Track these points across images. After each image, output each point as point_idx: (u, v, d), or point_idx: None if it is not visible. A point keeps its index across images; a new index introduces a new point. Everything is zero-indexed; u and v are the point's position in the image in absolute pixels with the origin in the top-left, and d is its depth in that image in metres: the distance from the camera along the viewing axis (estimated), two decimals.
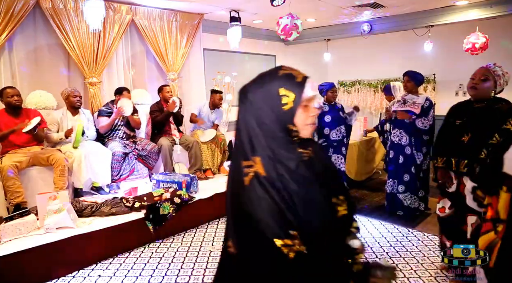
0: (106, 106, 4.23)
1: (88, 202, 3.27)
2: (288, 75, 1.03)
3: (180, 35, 5.32)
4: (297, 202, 0.98)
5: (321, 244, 1.01)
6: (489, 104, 2.22)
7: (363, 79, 7.66)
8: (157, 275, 2.72)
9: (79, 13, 4.17)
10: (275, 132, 1.00)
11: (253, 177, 0.98)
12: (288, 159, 1.01)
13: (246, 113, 1.03)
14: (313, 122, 1.06)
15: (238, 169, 1.02)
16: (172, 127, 4.63)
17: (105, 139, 4.17)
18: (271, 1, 4.43)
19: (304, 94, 1.02)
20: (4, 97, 3.39)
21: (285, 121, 1.01)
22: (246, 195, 0.98)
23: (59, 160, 3.38)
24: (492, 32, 5.43)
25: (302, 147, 1.05)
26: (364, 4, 5.30)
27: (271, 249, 0.94)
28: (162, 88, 4.66)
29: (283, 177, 0.98)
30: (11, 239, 2.68)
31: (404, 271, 2.73)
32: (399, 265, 2.82)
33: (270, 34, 7.12)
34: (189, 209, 3.56)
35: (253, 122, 1.01)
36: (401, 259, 2.93)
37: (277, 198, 0.96)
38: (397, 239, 3.33)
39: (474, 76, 2.25)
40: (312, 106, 1.05)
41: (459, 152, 2.30)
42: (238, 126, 1.04)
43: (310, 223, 1.00)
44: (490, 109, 2.21)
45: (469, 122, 2.27)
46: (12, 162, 3.17)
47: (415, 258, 2.90)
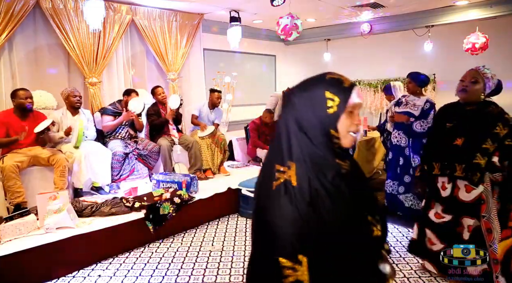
0: (113, 105, 4.22)
1: (88, 202, 3.28)
2: (336, 79, 1.01)
3: (180, 35, 5.32)
4: (327, 218, 0.92)
5: (350, 266, 0.96)
6: (480, 108, 2.20)
7: (363, 79, 7.65)
8: (157, 275, 2.72)
9: (79, 13, 4.17)
10: (316, 137, 0.97)
11: (281, 183, 0.94)
12: (326, 167, 0.96)
13: (288, 116, 1.00)
14: (357, 130, 1.01)
15: (270, 171, 0.99)
16: (170, 128, 4.62)
17: (106, 138, 4.18)
18: (271, 1, 4.43)
19: (351, 99, 0.98)
20: (17, 98, 3.37)
21: (328, 125, 0.97)
22: (270, 200, 0.95)
23: (60, 160, 3.38)
24: (492, 32, 5.43)
25: (340, 158, 1.00)
26: (364, 4, 5.30)
27: (273, 264, 0.90)
28: (154, 90, 4.63)
29: (317, 191, 0.93)
30: (11, 239, 2.68)
31: (404, 271, 2.73)
32: (399, 265, 2.82)
33: (270, 34, 7.13)
34: (189, 209, 3.56)
35: (294, 126, 0.97)
36: (401, 259, 2.93)
37: (301, 212, 0.91)
38: (397, 239, 3.33)
39: (464, 78, 2.21)
40: (357, 114, 1.01)
41: (453, 155, 2.24)
42: (278, 129, 1.01)
43: (337, 244, 0.94)
44: (481, 112, 2.18)
45: (461, 125, 2.23)
46: (13, 162, 3.17)
47: (415, 258, 2.90)
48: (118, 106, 4.21)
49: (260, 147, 5.25)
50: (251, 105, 7.05)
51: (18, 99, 3.37)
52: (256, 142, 5.26)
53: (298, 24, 4.42)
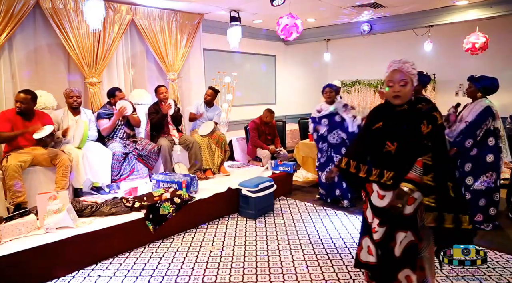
0: (104, 108, 4.22)
1: (88, 202, 3.28)
2: None
3: (180, 35, 5.32)
4: None
5: None
6: (410, 107, 1.99)
7: (363, 79, 7.66)
8: (157, 275, 2.72)
9: (79, 13, 4.17)
10: None
11: None
12: None
13: None
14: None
15: None
16: (170, 128, 4.63)
17: (106, 139, 4.18)
18: (271, 1, 4.44)
19: None
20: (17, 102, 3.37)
21: None
22: None
23: (63, 160, 3.39)
24: (492, 32, 5.43)
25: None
26: (364, 4, 5.30)
27: None
28: (157, 89, 4.62)
29: None
30: (11, 239, 2.68)
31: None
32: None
33: (270, 34, 7.13)
34: (189, 209, 3.56)
35: None
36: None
37: None
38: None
39: (392, 84, 1.97)
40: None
41: (384, 161, 2.00)
42: None
43: None
44: (411, 112, 1.97)
45: (390, 128, 1.99)
46: (17, 162, 3.17)
47: None
48: (109, 108, 4.20)
49: (260, 146, 5.25)
50: (251, 105, 7.05)
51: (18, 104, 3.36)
52: (256, 141, 5.26)
53: (298, 24, 4.42)
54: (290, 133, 6.74)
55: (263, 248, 3.15)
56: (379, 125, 2.05)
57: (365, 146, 2.15)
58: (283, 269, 2.77)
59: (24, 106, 3.39)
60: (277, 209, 4.15)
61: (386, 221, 1.99)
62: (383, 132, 2.01)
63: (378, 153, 2.02)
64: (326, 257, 2.96)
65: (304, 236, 3.39)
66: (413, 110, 1.97)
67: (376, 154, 2.05)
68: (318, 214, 3.98)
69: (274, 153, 5.23)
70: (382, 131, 2.02)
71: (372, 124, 2.09)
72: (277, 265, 2.84)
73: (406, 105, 1.98)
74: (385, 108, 2.10)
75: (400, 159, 1.94)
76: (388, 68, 2.01)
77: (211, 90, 4.98)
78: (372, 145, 2.07)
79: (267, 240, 3.31)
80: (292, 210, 4.14)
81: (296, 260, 2.92)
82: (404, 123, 1.95)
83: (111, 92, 4.24)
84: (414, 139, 1.91)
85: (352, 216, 3.88)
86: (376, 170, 2.03)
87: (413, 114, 1.95)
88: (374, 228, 2.04)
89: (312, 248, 3.14)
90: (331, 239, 3.31)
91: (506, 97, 5.61)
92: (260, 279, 2.64)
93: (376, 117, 2.10)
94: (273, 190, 4.07)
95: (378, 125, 2.05)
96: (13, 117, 3.38)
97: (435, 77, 6.63)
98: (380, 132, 2.03)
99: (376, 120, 2.08)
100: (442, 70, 6.56)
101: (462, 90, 6.36)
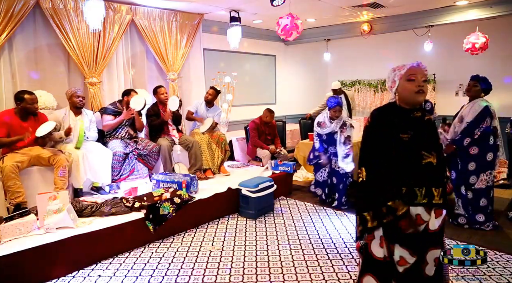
0: (113, 105, 4.23)
1: (88, 202, 3.27)
2: None
3: (180, 35, 5.32)
4: None
5: None
6: (423, 114, 1.77)
7: (363, 79, 7.66)
8: (157, 275, 2.72)
9: (79, 13, 4.17)
10: None
11: None
12: None
13: None
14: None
15: None
16: (170, 128, 4.63)
17: (106, 138, 4.18)
18: (271, 1, 4.43)
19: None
20: (24, 102, 3.37)
21: None
22: None
23: (60, 160, 3.38)
24: (492, 32, 5.43)
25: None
26: (364, 4, 5.30)
27: None
28: (156, 90, 4.61)
29: None
30: (11, 239, 2.68)
31: None
32: None
33: (270, 34, 7.13)
34: (189, 209, 3.56)
35: None
36: None
37: None
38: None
39: (415, 77, 1.70)
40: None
41: (427, 177, 1.68)
42: None
43: None
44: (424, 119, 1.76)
45: (419, 137, 1.70)
46: (14, 162, 3.17)
47: None
48: (119, 106, 4.22)
49: (260, 146, 5.25)
50: (251, 105, 7.05)
51: (26, 104, 3.37)
52: (256, 141, 5.26)
53: (298, 24, 4.42)
54: (290, 133, 6.74)
55: (263, 248, 3.15)
56: (410, 134, 1.70)
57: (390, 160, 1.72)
58: (283, 269, 2.77)
59: (37, 106, 3.47)
60: (277, 209, 4.15)
61: (418, 247, 1.69)
62: (417, 142, 1.69)
63: (416, 167, 1.68)
64: (326, 257, 2.96)
65: (304, 236, 3.39)
66: (425, 118, 1.76)
67: (412, 168, 1.69)
68: (318, 214, 3.98)
69: (274, 153, 5.23)
70: (415, 141, 1.69)
71: (396, 132, 1.71)
72: (277, 265, 2.84)
73: (420, 112, 1.76)
74: (397, 113, 1.76)
75: (442, 170, 1.72)
76: (401, 69, 1.76)
77: (212, 90, 4.98)
78: (403, 158, 1.70)
79: (267, 240, 3.31)
80: (292, 210, 4.14)
81: (296, 260, 2.92)
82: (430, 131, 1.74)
83: (127, 92, 4.28)
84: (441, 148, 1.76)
85: (352, 216, 3.88)
86: (421, 189, 1.68)
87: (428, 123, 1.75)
88: (400, 261, 1.69)
89: (312, 248, 3.14)
90: (331, 239, 3.31)
91: (506, 97, 5.61)
92: (260, 279, 2.64)
93: (398, 124, 1.73)
94: (273, 190, 4.07)
95: (407, 135, 1.70)
96: (9, 119, 3.37)
97: (435, 77, 6.63)
98: (413, 142, 1.69)
99: (400, 128, 1.72)
100: (442, 70, 6.56)
101: (462, 90, 6.36)
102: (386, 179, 1.71)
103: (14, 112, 3.42)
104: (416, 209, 1.68)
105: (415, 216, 1.68)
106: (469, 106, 3.46)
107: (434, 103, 3.79)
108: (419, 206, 1.68)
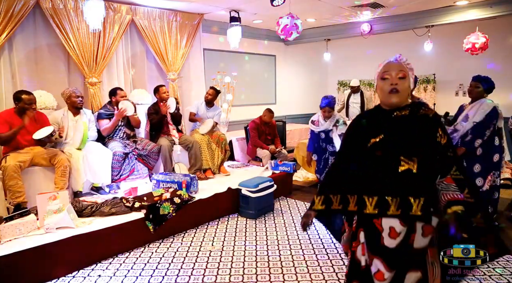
0: (105, 108, 4.21)
1: (88, 202, 3.28)
2: None
3: (180, 35, 5.32)
4: None
5: None
6: (412, 111, 1.59)
7: (363, 79, 7.66)
8: (157, 275, 2.72)
9: (79, 13, 4.17)
10: None
11: None
12: None
13: None
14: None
15: None
16: (171, 128, 4.63)
17: (106, 139, 4.18)
18: (271, 1, 4.43)
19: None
20: (21, 102, 3.36)
21: None
22: None
23: (61, 160, 3.39)
24: (492, 32, 5.43)
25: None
26: (364, 4, 5.30)
27: None
28: (158, 88, 4.62)
29: None
30: (11, 239, 2.68)
31: None
32: None
33: (270, 34, 7.13)
34: (189, 209, 3.56)
35: None
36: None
37: None
38: None
39: (388, 75, 1.56)
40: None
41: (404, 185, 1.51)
42: None
43: None
44: (415, 118, 1.57)
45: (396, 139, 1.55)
46: (16, 162, 3.17)
47: None
48: (110, 108, 4.19)
49: (260, 146, 5.25)
50: (251, 105, 7.05)
51: (24, 105, 3.36)
52: (256, 141, 5.25)
53: (298, 24, 4.42)
54: (290, 133, 6.74)
55: (263, 248, 3.15)
56: (380, 138, 1.57)
57: (360, 168, 1.62)
58: (283, 269, 2.77)
59: (35, 106, 3.45)
60: (277, 209, 4.15)
61: (396, 264, 1.54)
62: (390, 146, 1.54)
63: (391, 175, 1.53)
64: (326, 257, 2.96)
65: (304, 236, 3.39)
66: (417, 116, 1.57)
67: (386, 176, 1.54)
68: None
69: (274, 153, 5.23)
70: (387, 145, 1.55)
71: (366, 138, 1.60)
72: (277, 265, 2.84)
73: (407, 109, 1.59)
74: (377, 116, 1.64)
75: (425, 178, 1.52)
76: (379, 67, 1.66)
77: (212, 90, 4.99)
78: (375, 165, 1.58)
79: (267, 240, 3.31)
80: (292, 210, 4.14)
81: (296, 260, 2.92)
82: (415, 132, 1.54)
83: (112, 91, 4.24)
84: (435, 152, 1.52)
85: None
86: (395, 199, 1.52)
87: (420, 121, 1.56)
88: (377, 274, 1.56)
89: (312, 248, 3.14)
90: (331, 239, 3.31)
91: (506, 97, 5.61)
92: (260, 279, 2.64)
93: (371, 128, 1.62)
94: (273, 190, 4.07)
95: (378, 138, 1.57)
96: (9, 118, 3.36)
97: (435, 77, 6.63)
98: (385, 147, 1.55)
99: (372, 132, 1.60)
100: (442, 70, 6.56)
101: (462, 90, 6.36)
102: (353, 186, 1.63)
103: (13, 112, 3.42)
104: (389, 221, 1.53)
105: (388, 229, 1.53)
106: (476, 106, 3.32)
107: (434, 104, 3.78)
108: (391, 218, 1.52)
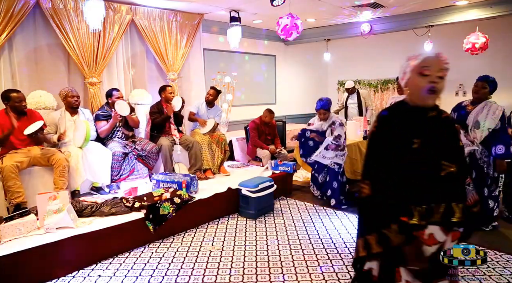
0: (102, 109, 4.21)
1: (88, 202, 3.27)
2: None
3: (180, 35, 5.32)
4: None
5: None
6: (439, 112, 1.53)
7: (363, 79, 7.67)
8: (157, 275, 2.72)
9: (79, 13, 4.17)
10: None
11: None
12: None
13: None
14: None
15: None
16: (172, 128, 4.63)
17: (105, 139, 4.17)
18: (271, 1, 4.44)
19: None
20: (11, 101, 3.35)
21: None
22: None
23: (59, 160, 3.39)
24: (492, 32, 5.43)
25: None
26: (364, 4, 5.30)
27: None
28: (164, 88, 4.63)
29: None
30: (11, 239, 2.68)
31: None
32: None
33: (270, 34, 7.13)
34: (189, 209, 3.56)
35: None
36: None
37: None
38: None
39: (429, 72, 1.46)
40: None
41: (446, 189, 1.43)
42: None
43: None
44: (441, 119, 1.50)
45: (435, 142, 1.45)
46: (13, 162, 3.17)
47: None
48: (107, 109, 4.19)
49: (260, 146, 5.25)
50: (251, 105, 7.05)
51: (14, 103, 3.36)
52: (256, 141, 5.25)
53: (298, 24, 4.42)
54: (290, 133, 6.73)
55: (263, 248, 3.15)
56: (420, 141, 1.45)
57: (400, 172, 1.47)
58: (283, 269, 2.77)
59: (26, 104, 3.43)
60: (277, 209, 4.15)
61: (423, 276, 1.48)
62: (431, 150, 1.44)
63: (432, 180, 1.43)
64: (326, 257, 2.96)
65: (304, 236, 3.39)
66: (441, 118, 1.50)
67: (427, 181, 1.43)
68: (318, 214, 3.98)
69: (274, 153, 5.23)
70: (428, 149, 1.44)
71: (405, 141, 1.46)
72: (277, 265, 2.84)
73: (435, 111, 1.50)
74: (408, 115, 1.51)
75: (463, 182, 1.45)
76: (413, 60, 1.52)
77: (213, 90, 4.98)
78: (414, 171, 1.44)
79: (267, 240, 3.31)
80: (292, 210, 4.14)
81: (296, 260, 2.92)
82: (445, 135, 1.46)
83: (109, 93, 4.24)
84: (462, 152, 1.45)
85: (352, 216, 3.88)
86: (440, 206, 1.42)
87: (445, 124, 1.49)
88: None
89: (312, 248, 3.14)
90: (331, 239, 3.31)
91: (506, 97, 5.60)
92: (260, 279, 2.64)
93: (406, 130, 1.48)
94: (273, 190, 4.06)
95: (417, 141, 1.45)
96: (2, 119, 3.35)
97: None
98: (425, 150, 1.44)
99: (409, 134, 1.47)
100: None
101: (462, 90, 6.37)
102: (395, 194, 1.44)
103: (4, 112, 3.41)
104: (429, 228, 1.44)
105: (428, 236, 1.43)
106: (485, 110, 3.15)
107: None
108: (434, 225, 1.44)
